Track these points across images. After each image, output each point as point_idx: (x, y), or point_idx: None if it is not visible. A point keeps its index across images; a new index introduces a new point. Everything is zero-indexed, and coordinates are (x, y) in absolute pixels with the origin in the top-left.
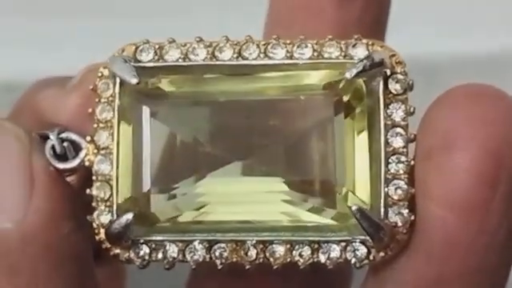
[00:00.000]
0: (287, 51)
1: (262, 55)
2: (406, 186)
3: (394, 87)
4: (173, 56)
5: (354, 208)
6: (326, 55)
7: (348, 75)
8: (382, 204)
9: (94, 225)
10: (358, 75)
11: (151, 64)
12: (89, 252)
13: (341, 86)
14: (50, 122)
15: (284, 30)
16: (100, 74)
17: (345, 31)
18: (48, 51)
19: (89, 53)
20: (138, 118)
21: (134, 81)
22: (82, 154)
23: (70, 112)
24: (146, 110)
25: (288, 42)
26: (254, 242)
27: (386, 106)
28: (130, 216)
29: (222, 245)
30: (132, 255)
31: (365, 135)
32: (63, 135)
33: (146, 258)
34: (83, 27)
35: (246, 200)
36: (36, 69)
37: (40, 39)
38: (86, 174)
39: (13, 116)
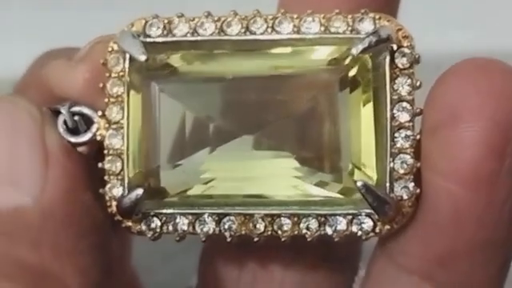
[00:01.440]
0: (294, 25)
1: (269, 29)
2: (411, 160)
3: (401, 61)
4: (181, 31)
5: (359, 183)
6: (332, 30)
7: (354, 51)
8: (388, 178)
9: (107, 197)
10: (364, 51)
11: (160, 39)
12: (107, 222)
13: (347, 61)
14: (60, 96)
15: (297, 9)
16: (110, 49)
17: (358, 8)
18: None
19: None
20: (148, 93)
21: (143, 57)
22: (93, 129)
23: (80, 86)
24: (155, 86)
25: (295, 16)
26: (262, 215)
27: (393, 80)
28: (140, 191)
29: (231, 217)
30: (144, 228)
31: (371, 110)
32: (74, 109)
33: (158, 230)
34: (88, 21)
35: (255, 174)
36: None
37: (46, 34)
38: (97, 145)
39: (20, 89)
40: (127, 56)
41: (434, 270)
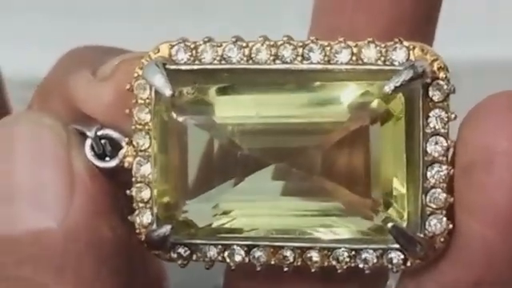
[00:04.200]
0: (325, 54)
1: (299, 58)
2: (444, 195)
3: (435, 94)
4: (208, 57)
5: (389, 225)
6: (365, 59)
7: (387, 89)
8: (420, 215)
9: (136, 225)
10: (397, 90)
11: (187, 67)
12: (137, 244)
13: (379, 95)
14: (84, 114)
15: (333, 19)
16: (136, 75)
17: (395, 23)
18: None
19: None
20: (175, 122)
21: (168, 92)
22: (120, 155)
23: (104, 108)
24: (182, 115)
25: (326, 43)
26: (292, 247)
27: (426, 113)
28: (168, 228)
29: (261, 249)
30: (173, 255)
31: (403, 143)
32: (101, 132)
33: (187, 258)
34: (99, 27)
35: (283, 206)
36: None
37: (57, 38)
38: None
39: (41, 98)
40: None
41: None
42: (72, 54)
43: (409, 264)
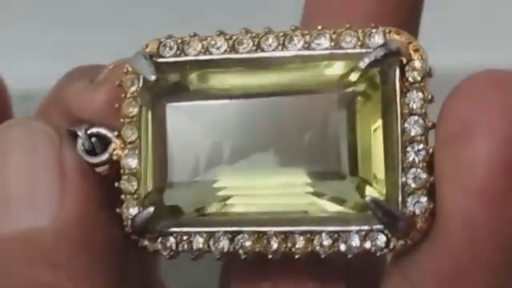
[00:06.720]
0: (305, 42)
1: (280, 47)
2: (424, 175)
3: (411, 75)
4: (194, 50)
5: (368, 198)
6: (343, 45)
7: (361, 65)
8: (400, 193)
9: (123, 217)
10: (371, 65)
11: (172, 59)
12: (126, 242)
13: (356, 76)
14: (78, 118)
15: (320, 19)
16: (126, 70)
17: (380, 22)
18: (63, 61)
19: (104, 62)
20: (162, 113)
21: (153, 77)
22: (110, 149)
23: (97, 108)
24: (168, 105)
25: (306, 32)
26: (276, 232)
27: (404, 94)
28: (151, 210)
29: (245, 235)
30: (159, 246)
31: (381, 125)
32: (91, 131)
33: (173, 248)
34: (99, 38)
35: (268, 191)
36: (51, 78)
37: (56, 49)
38: (116, 165)
39: (43, 108)
40: (141, 76)
41: None
42: (71, 72)
43: (391, 246)
